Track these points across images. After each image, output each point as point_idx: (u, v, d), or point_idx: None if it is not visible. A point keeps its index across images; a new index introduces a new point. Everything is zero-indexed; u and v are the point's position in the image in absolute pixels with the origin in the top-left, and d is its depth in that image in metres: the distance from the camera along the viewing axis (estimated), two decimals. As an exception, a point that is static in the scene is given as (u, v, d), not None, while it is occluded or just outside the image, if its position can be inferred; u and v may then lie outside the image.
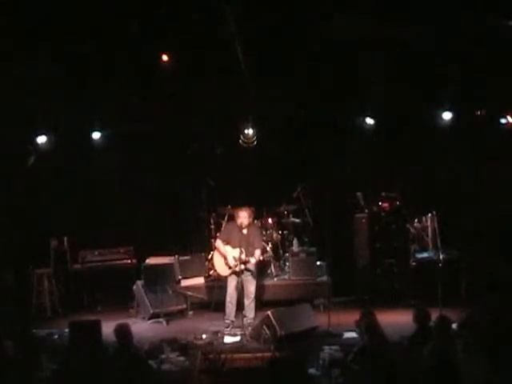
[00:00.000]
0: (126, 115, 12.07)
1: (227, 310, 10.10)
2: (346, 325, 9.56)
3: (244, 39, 10.44)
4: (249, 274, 10.03)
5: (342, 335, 9.37)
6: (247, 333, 9.38)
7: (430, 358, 6.46)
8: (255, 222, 11.21)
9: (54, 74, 10.87)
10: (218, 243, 10.30)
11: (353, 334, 9.22)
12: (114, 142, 12.70)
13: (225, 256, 10.09)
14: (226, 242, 10.16)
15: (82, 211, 12.49)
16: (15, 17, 9.71)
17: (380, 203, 11.97)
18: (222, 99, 11.92)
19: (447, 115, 12.46)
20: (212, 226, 12.08)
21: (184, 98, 12.03)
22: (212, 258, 10.91)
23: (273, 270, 11.79)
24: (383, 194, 12.00)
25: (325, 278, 11.20)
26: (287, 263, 11.76)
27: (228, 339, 9.45)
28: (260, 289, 10.86)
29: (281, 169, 12.60)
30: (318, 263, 11.59)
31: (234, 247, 10.01)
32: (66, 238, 11.90)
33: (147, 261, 11.58)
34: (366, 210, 11.98)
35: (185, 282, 11.48)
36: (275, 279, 11.68)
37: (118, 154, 12.68)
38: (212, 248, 11.51)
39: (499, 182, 11.94)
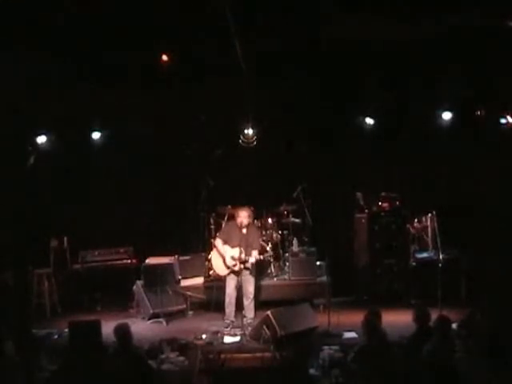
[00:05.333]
0: (125, 115, 12.06)
1: (227, 310, 10.10)
2: (346, 325, 9.59)
3: (244, 39, 10.44)
4: (247, 272, 10.04)
5: (341, 335, 9.37)
6: (247, 333, 9.38)
7: (430, 358, 6.48)
8: (255, 221, 11.23)
9: (54, 74, 10.88)
10: (218, 242, 10.31)
11: (353, 334, 9.25)
12: (114, 141, 12.70)
13: (223, 256, 10.10)
14: (225, 242, 10.17)
15: (82, 211, 12.49)
16: (15, 16, 9.71)
17: (380, 203, 11.96)
18: (222, 99, 11.92)
19: (447, 115, 12.47)
20: (212, 226, 12.06)
21: (184, 98, 12.04)
22: (211, 258, 10.89)
23: (273, 270, 11.79)
24: (383, 193, 12.00)
25: (325, 278, 11.18)
26: (287, 263, 11.76)
27: (228, 339, 9.45)
28: (260, 289, 10.87)
29: (281, 169, 12.59)
30: (318, 263, 11.59)
31: (233, 247, 10.02)
32: (66, 238, 11.91)
33: (147, 261, 11.58)
34: (366, 210, 11.98)
35: (184, 282, 11.48)
36: (275, 279, 11.68)
37: (118, 154, 12.68)
38: (212, 248, 11.52)
39: (499, 182, 11.94)
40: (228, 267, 10.02)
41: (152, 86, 11.60)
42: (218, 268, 10.26)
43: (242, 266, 9.89)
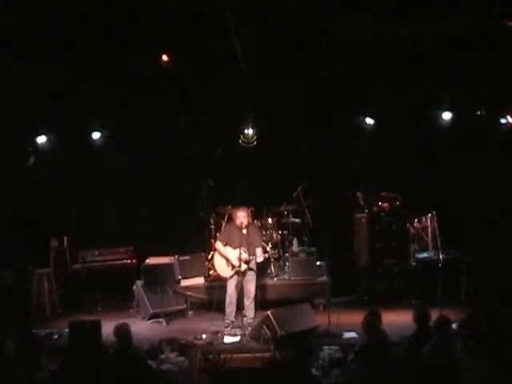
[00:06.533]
0: (125, 115, 12.06)
1: (227, 310, 10.09)
2: (346, 325, 9.59)
3: (244, 38, 10.44)
4: (251, 272, 10.03)
5: (341, 335, 9.37)
6: (247, 333, 9.38)
7: (430, 358, 6.48)
8: (255, 221, 11.23)
9: (54, 74, 10.88)
10: (218, 245, 10.27)
11: (353, 334, 9.25)
12: (114, 141, 12.70)
13: (227, 258, 10.07)
14: (226, 243, 10.15)
15: (82, 211, 12.49)
16: (15, 16, 9.72)
17: (380, 203, 11.96)
18: (222, 99, 11.92)
19: (447, 115, 12.46)
20: (212, 226, 12.07)
21: (184, 98, 12.03)
22: (212, 259, 10.89)
23: (273, 270, 11.79)
24: (383, 193, 12.00)
25: (325, 278, 11.19)
26: (287, 263, 11.76)
27: (228, 339, 9.45)
28: (260, 289, 10.85)
29: (281, 169, 12.59)
30: (318, 263, 11.59)
31: (234, 248, 10.00)
32: (66, 238, 11.90)
33: (147, 261, 11.57)
34: (366, 210, 11.98)
35: (185, 282, 11.47)
36: (275, 279, 11.68)
37: (118, 154, 12.68)
38: (212, 248, 11.51)
39: (499, 182, 11.94)
40: (233, 268, 9.99)
41: (152, 86, 11.59)
42: (222, 270, 10.21)
43: (247, 266, 9.89)
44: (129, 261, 11.97)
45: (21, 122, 11.55)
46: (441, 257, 10.20)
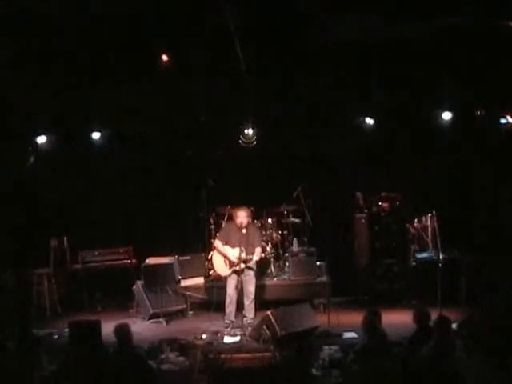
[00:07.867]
0: (126, 115, 12.06)
1: (227, 310, 10.09)
2: (346, 325, 9.60)
3: (244, 39, 10.44)
4: (250, 272, 10.03)
5: (341, 335, 9.38)
6: (247, 333, 9.39)
7: (430, 358, 6.48)
8: (255, 221, 11.23)
9: (54, 74, 10.88)
10: (217, 243, 10.28)
11: (353, 334, 9.26)
12: (114, 141, 12.70)
13: (225, 255, 10.09)
14: (225, 242, 10.15)
15: (82, 211, 12.50)
16: (15, 15, 9.71)
17: (380, 203, 11.97)
18: (222, 99, 11.92)
19: (447, 115, 12.46)
20: (212, 226, 12.07)
21: (184, 97, 12.03)
22: (212, 258, 10.90)
23: (273, 270, 11.79)
24: (383, 193, 12.01)
25: (325, 278, 11.20)
26: (287, 263, 11.76)
27: (228, 339, 9.46)
28: (260, 289, 10.85)
29: (281, 169, 12.59)
30: (318, 263, 11.59)
31: (233, 247, 10.01)
32: (66, 238, 11.91)
33: (147, 261, 11.58)
34: (366, 210, 11.98)
35: (184, 282, 11.48)
36: (275, 279, 11.68)
37: (118, 154, 12.68)
38: (212, 248, 11.51)
39: (499, 182, 11.94)
40: (231, 267, 10.01)
41: (152, 86, 11.59)
42: (220, 269, 10.24)
43: (244, 265, 9.89)
44: (129, 261, 11.98)
45: (21, 121, 11.55)
46: (441, 257, 10.21)
